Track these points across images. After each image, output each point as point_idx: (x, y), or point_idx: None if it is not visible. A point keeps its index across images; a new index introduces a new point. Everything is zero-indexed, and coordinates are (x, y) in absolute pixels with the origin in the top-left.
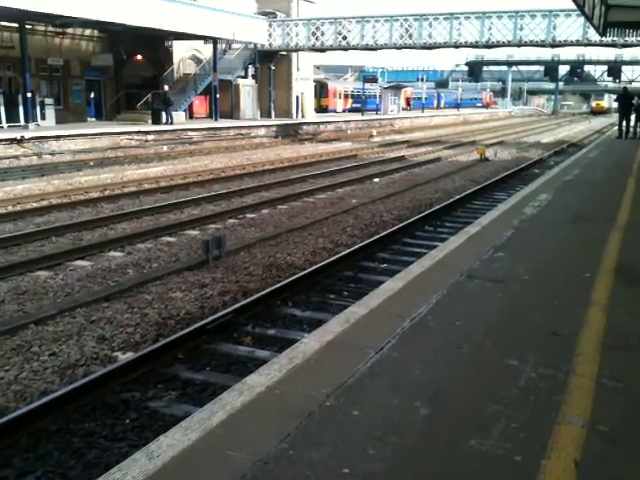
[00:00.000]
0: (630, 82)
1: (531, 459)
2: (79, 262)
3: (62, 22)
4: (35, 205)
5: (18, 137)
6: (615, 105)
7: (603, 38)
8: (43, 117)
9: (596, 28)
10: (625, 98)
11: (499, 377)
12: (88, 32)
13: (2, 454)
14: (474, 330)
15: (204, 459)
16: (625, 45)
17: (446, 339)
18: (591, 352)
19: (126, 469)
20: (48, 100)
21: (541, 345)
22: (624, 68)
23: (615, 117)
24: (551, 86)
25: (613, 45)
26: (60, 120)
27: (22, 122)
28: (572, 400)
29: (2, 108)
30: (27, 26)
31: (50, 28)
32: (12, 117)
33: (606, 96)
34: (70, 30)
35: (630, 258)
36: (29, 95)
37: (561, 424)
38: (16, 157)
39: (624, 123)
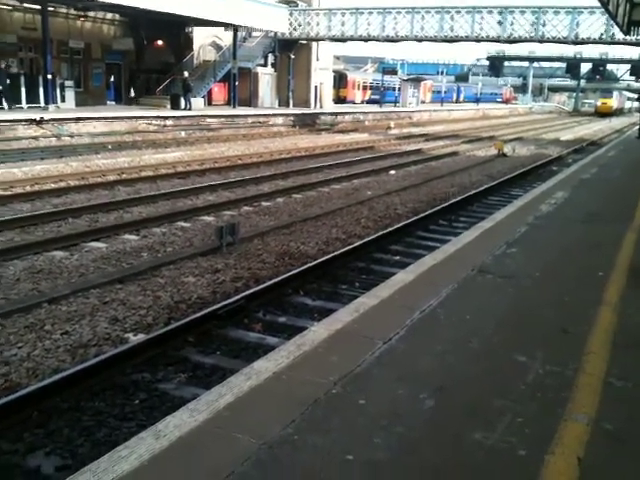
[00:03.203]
0: None
1: (535, 454)
2: (94, 244)
3: (84, 5)
4: (53, 186)
5: (37, 118)
6: (629, 105)
7: (627, 36)
8: (63, 99)
9: (620, 26)
10: None
11: (507, 372)
12: (109, 16)
13: (14, 429)
14: (483, 325)
15: (210, 440)
16: None
17: (455, 332)
18: (600, 351)
19: (133, 447)
20: (68, 82)
21: (550, 342)
22: None
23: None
24: (572, 83)
25: (637, 44)
26: (80, 103)
27: (42, 103)
28: (579, 398)
29: (23, 89)
30: (49, 8)
31: (72, 11)
32: (32, 98)
33: (615, 93)
34: (91, 13)
35: None
36: (49, 77)
37: (567, 421)
38: (35, 138)
39: None
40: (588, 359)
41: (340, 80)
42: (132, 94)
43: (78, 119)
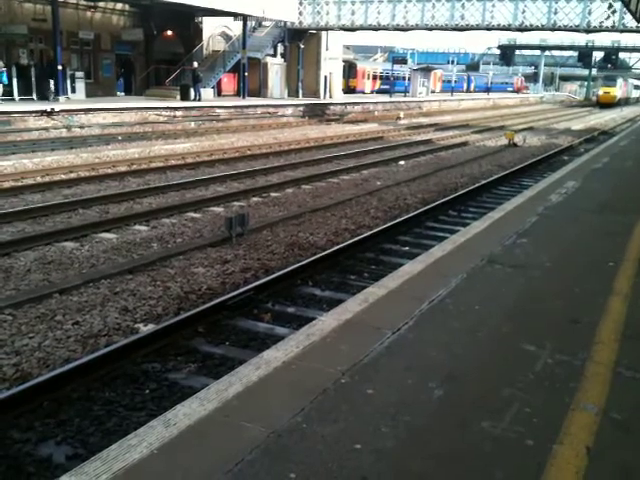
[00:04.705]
0: None
1: (543, 443)
2: (105, 234)
3: None
4: (63, 177)
5: (48, 109)
6: (635, 94)
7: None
8: (73, 90)
9: (633, 14)
10: None
11: (515, 362)
12: (119, 6)
13: (25, 418)
14: (492, 314)
15: (219, 429)
16: None
17: (464, 322)
18: (610, 341)
19: (143, 435)
20: (78, 73)
21: (559, 332)
22: None
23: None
24: (584, 72)
25: None
26: (90, 94)
27: (52, 94)
28: (587, 387)
29: (33, 80)
30: None
31: (82, 2)
32: (43, 89)
33: (619, 81)
34: (101, 4)
35: None
36: (60, 68)
37: (575, 410)
38: (45, 129)
39: None
40: (597, 349)
41: (350, 70)
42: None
43: (88, 110)
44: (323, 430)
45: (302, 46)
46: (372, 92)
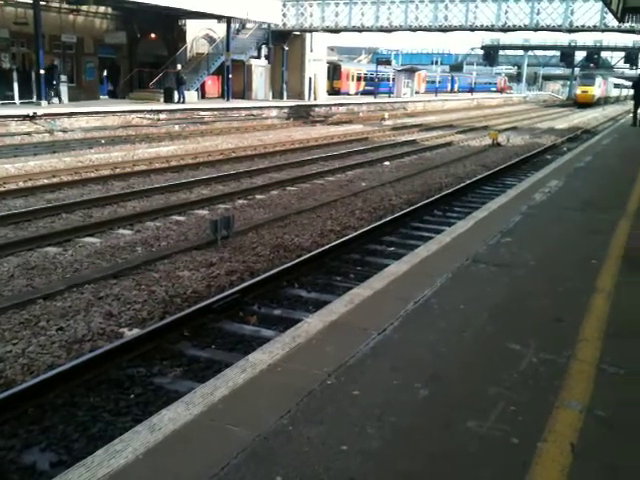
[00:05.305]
0: None
1: (528, 441)
2: (88, 239)
3: None
4: (46, 182)
5: (30, 114)
6: (615, 93)
7: (621, 24)
8: (57, 94)
9: (614, 13)
10: None
11: (500, 361)
12: (102, 10)
13: (9, 425)
14: (477, 314)
15: (205, 433)
16: None
17: (449, 322)
18: (593, 338)
19: (128, 441)
20: (61, 77)
21: (544, 330)
22: None
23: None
24: (567, 72)
25: (631, 31)
26: (73, 97)
27: (35, 99)
28: (572, 385)
29: (15, 84)
30: (41, 2)
31: (64, 5)
32: (25, 94)
33: (598, 80)
34: (84, 7)
35: (637, 246)
36: (42, 72)
37: (560, 408)
38: (28, 134)
39: (639, 111)
40: (581, 347)
41: (334, 71)
42: (110, 87)
43: (71, 114)
44: (309, 432)
45: (286, 48)
46: (357, 93)
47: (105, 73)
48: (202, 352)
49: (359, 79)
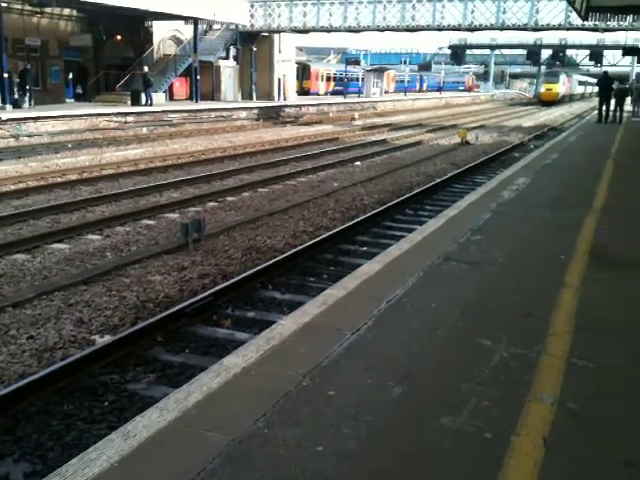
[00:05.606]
0: (612, 66)
1: (501, 436)
2: (57, 245)
3: (39, 1)
4: (12, 188)
5: None
6: (580, 90)
7: (585, 22)
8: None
9: (578, 12)
10: (605, 82)
11: (472, 357)
12: (67, 12)
13: None
14: (449, 312)
15: (179, 439)
16: (607, 30)
17: (421, 321)
18: (563, 333)
19: (102, 449)
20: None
21: (514, 326)
22: (606, 52)
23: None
24: (534, 70)
25: (595, 29)
26: (38, 101)
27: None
28: (543, 379)
29: None
30: (2, 4)
31: (27, 7)
32: None
33: (562, 77)
34: (48, 9)
35: (604, 242)
36: (5, 76)
37: (531, 402)
38: None
39: (604, 107)
40: (551, 341)
41: (303, 72)
42: (79, 90)
43: (37, 118)
44: (285, 434)
45: (255, 49)
46: (326, 93)
47: (70, 76)
48: (176, 357)
49: (328, 79)
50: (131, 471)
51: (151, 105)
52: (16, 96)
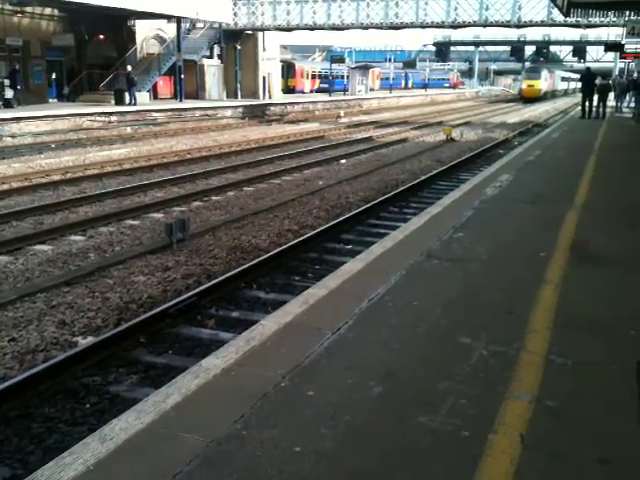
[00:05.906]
0: (595, 61)
1: (479, 434)
2: (40, 246)
3: (19, 0)
4: None
5: None
6: (563, 86)
7: (567, 19)
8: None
9: (560, 9)
10: (588, 78)
11: (452, 355)
12: (48, 11)
13: None
14: (431, 309)
15: (157, 442)
16: (589, 26)
17: (402, 319)
18: (542, 329)
19: (78, 453)
20: (7, 81)
21: (494, 323)
22: (589, 48)
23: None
24: (518, 66)
25: (577, 25)
26: (21, 101)
27: None
28: (521, 376)
29: None
30: None
31: (7, 6)
32: None
33: (544, 73)
34: (29, 9)
35: (584, 238)
36: None
37: (509, 399)
38: None
39: (587, 103)
40: (530, 338)
41: (288, 70)
42: (66, 91)
43: (19, 119)
44: (262, 435)
45: (239, 47)
46: (312, 91)
47: (54, 76)
48: (159, 358)
49: (314, 77)
50: (107, 474)
51: (135, 104)
52: (8, 96)
